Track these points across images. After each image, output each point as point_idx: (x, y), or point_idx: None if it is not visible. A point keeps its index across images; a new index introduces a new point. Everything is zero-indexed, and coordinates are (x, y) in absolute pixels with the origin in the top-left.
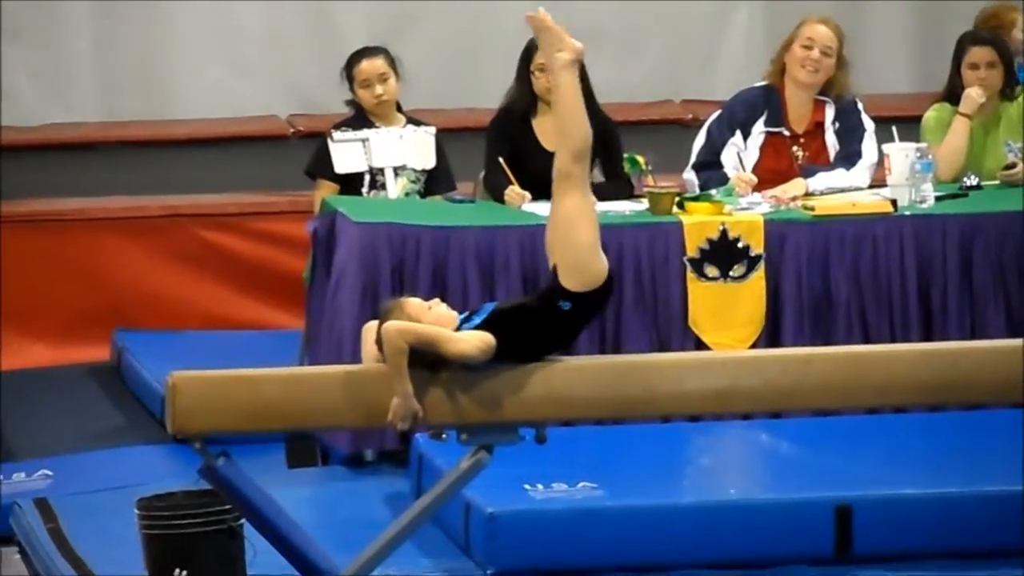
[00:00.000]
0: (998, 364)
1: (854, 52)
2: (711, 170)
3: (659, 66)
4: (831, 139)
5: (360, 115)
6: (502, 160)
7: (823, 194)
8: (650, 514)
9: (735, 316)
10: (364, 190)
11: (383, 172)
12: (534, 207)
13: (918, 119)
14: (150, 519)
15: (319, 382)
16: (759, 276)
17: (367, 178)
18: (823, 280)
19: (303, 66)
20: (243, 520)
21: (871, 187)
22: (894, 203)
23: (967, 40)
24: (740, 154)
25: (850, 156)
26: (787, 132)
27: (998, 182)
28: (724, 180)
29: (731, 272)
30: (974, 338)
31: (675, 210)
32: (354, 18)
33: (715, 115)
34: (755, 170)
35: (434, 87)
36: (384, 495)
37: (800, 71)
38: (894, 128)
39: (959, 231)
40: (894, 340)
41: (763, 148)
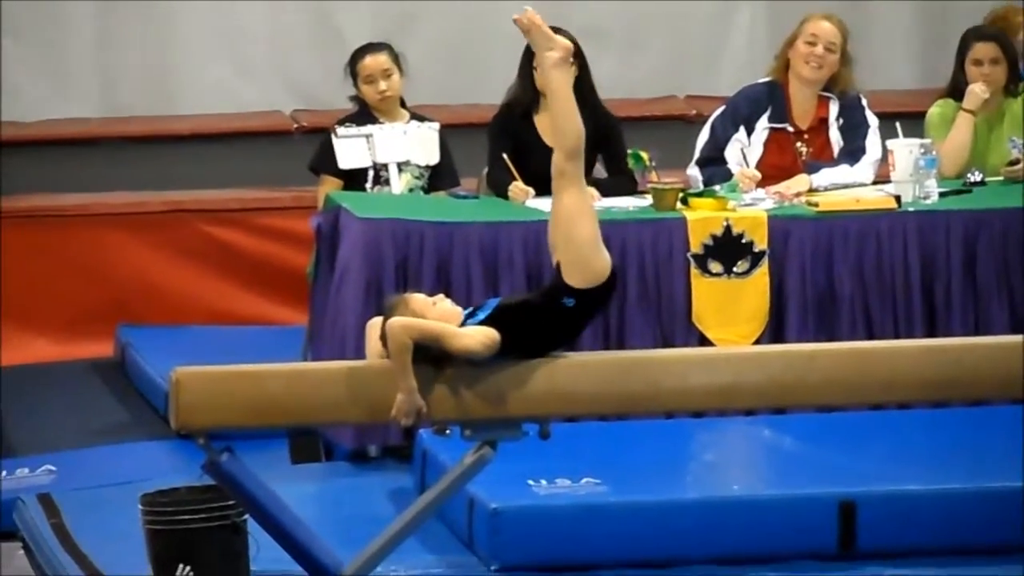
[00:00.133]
0: (1002, 360)
1: (858, 48)
2: (715, 166)
3: (663, 62)
4: (835, 135)
5: (364, 111)
6: (506, 156)
7: (827, 190)
8: (654, 510)
9: (739, 312)
10: (368, 186)
11: (387, 168)
12: (538, 203)
13: (922, 115)
14: (154, 515)
15: (323, 378)
16: (763, 272)
17: (371, 174)
18: (827, 276)
19: (306, 62)
20: (247, 516)
21: (875, 183)
22: (898, 199)
23: (971, 36)
24: (744, 150)
25: (854, 152)
26: (791, 128)
27: (1002, 178)
28: (728, 176)
29: (735, 268)
30: (978, 334)
31: (679, 206)
32: (357, 14)
33: (719, 111)
34: (759, 166)
35: (437, 83)
36: (388, 491)
37: (804, 67)
38: (898, 124)
39: (963, 227)
40: (898, 336)
41: (767, 144)
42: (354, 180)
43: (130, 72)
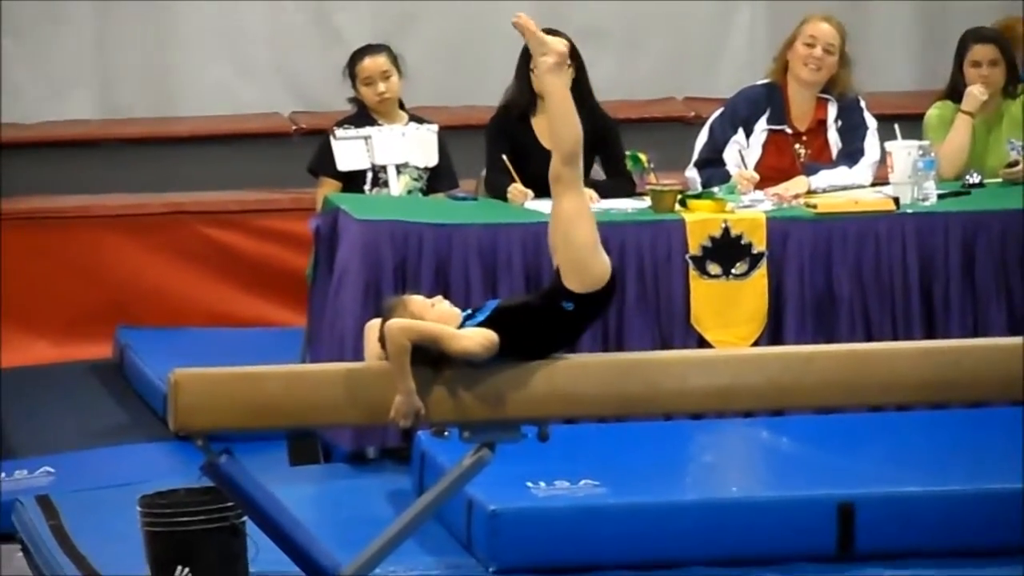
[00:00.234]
0: (1000, 362)
1: (856, 50)
2: (713, 168)
3: (662, 63)
4: (833, 137)
5: (363, 112)
6: (505, 157)
7: (825, 192)
8: (652, 512)
9: (737, 314)
10: (367, 187)
11: (385, 170)
12: (536, 204)
13: (920, 117)
14: (152, 516)
15: (321, 379)
16: (761, 274)
17: (369, 176)
18: (825, 278)
19: (305, 63)
20: (245, 517)
21: (873, 185)
22: (896, 201)
23: (969, 38)
24: (742, 152)
25: (852, 154)
26: (789, 130)
27: (1000, 180)
28: (726, 178)
29: (733, 270)
30: (976, 336)
31: (677, 208)
32: (356, 15)
33: (717, 113)
34: (757, 168)
35: (436, 85)
36: (386, 493)
37: (803, 69)
38: (896, 126)
39: (961, 229)
40: (896, 338)
41: (765, 146)
42: (353, 182)
43: (129, 74)
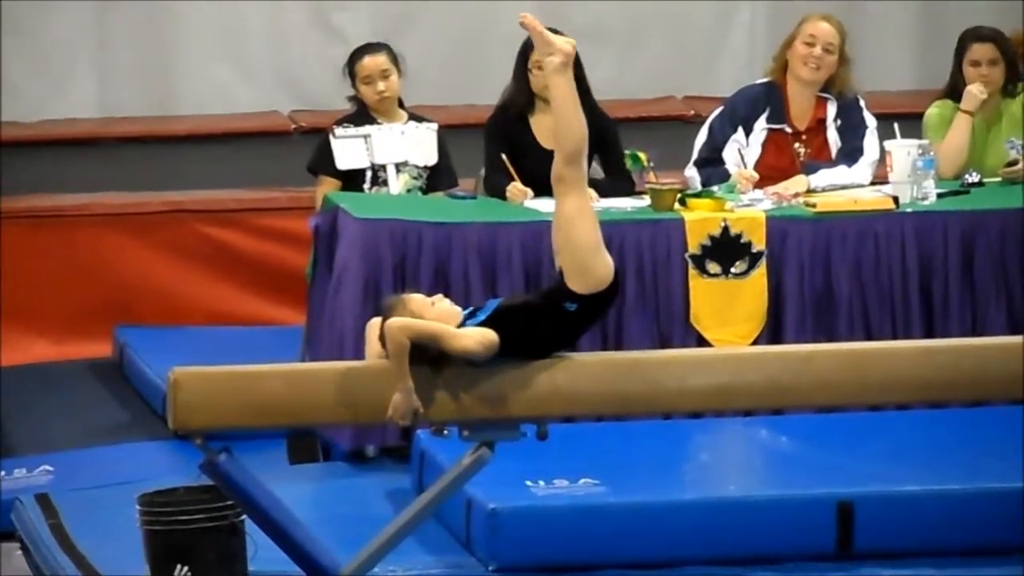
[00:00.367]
0: (999, 361)
1: (856, 49)
2: (713, 167)
3: (661, 62)
4: (833, 136)
5: (362, 111)
6: (504, 156)
7: (825, 191)
8: (651, 510)
9: (737, 313)
10: (366, 186)
11: (385, 168)
12: (536, 203)
13: (920, 116)
14: (151, 515)
15: (321, 378)
16: (761, 273)
17: (369, 174)
18: (825, 277)
19: (305, 62)
20: (244, 516)
21: (873, 184)
22: (896, 200)
23: (969, 37)
24: (742, 151)
25: (852, 153)
26: (789, 129)
27: (1000, 179)
28: (726, 177)
29: (733, 269)
30: (975, 335)
31: (677, 207)
32: (356, 14)
33: (717, 112)
34: (757, 167)
35: (436, 83)
36: (385, 491)
37: (802, 68)
38: (896, 125)
39: (960, 228)
40: (895, 337)
41: (765, 145)
42: (352, 181)
43: (128, 73)
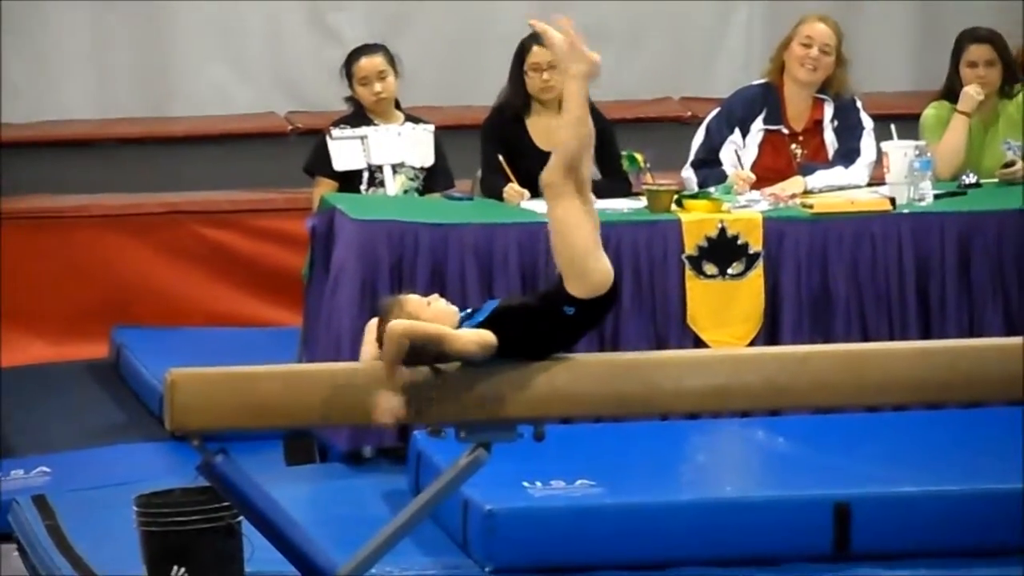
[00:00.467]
0: (996, 362)
1: (853, 50)
2: (710, 168)
3: (658, 63)
4: (830, 137)
5: (359, 112)
6: (500, 158)
7: (822, 192)
8: (648, 512)
9: (734, 314)
10: (363, 187)
11: (381, 170)
12: (532, 205)
13: (917, 117)
14: (148, 516)
15: (317, 379)
16: (758, 274)
17: (366, 175)
18: (822, 278)
19: (302, 63)
20: (241, 517)
21: (870, 185)
22: (893, 201)
23: (966, 38)
24: (739, 152)
25: (849, 154)
26: (786, 130)
27: (997, 180)
28: (723, 178)
29: (730, 270)
30: (972, 336)
31: (674, 208)
32: (352, 15)
33: (714, 113)
34: (754, 168)
35: (432, 84)
36: (382, 492)
37: (799, 69)
38: (893, 126)
39: (957, 229)
40: (892, 338)
41: (762, 146)
42: (349, 182)
43: (125, 74)
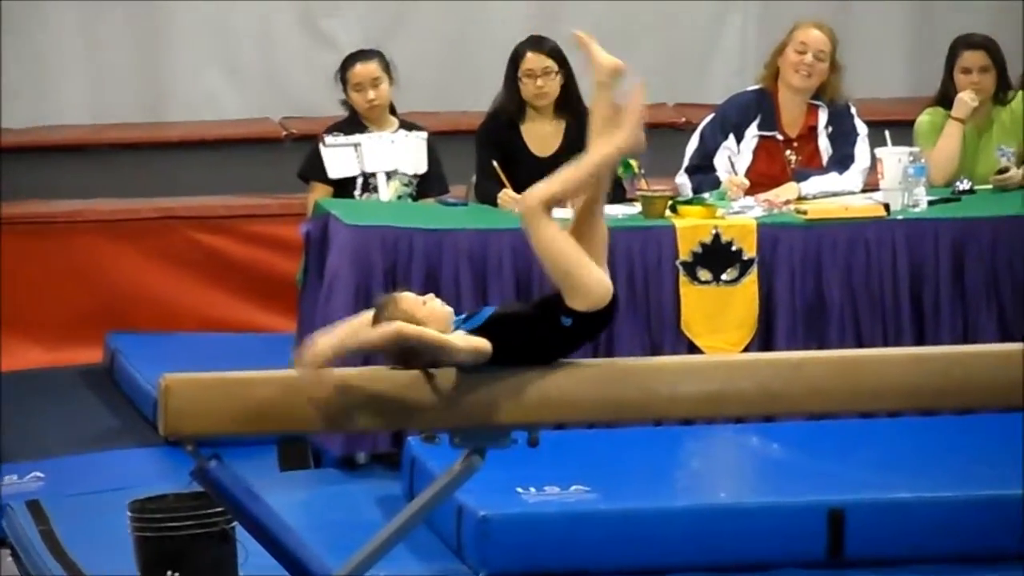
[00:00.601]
0: (990, 368)
1: (847, 56)
2: (704, 174)
3: (652, 69)
4: (824, 143)
5: (353, 118)
6: (495, 163)
7: (816, 198)
8: (642, 517)
9: (728, 320)
10: (356, 193)
11: (375, 176)
12: None
13: (911, 123)
14: (142, 521)
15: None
16: (752, 280)
17: (360, 181)
18: (816, 284)
19: (296, 69)
20: (235, 523)
21: (864, 191)
22: (887, 207)
23: (960, 44)
24: (732, 158)
25: (843, 160)
26: (780, 136)
27: (991, 186)
28: (717, 184)
29: (724, 276)
30: (966, 342)
31: (668, 213)
32: (347, 20)
33: (708, 119)
34: (748, 174)
35: (427, 90)
36: (376, 498)
37: (793, 75)
38: (887, 132)
39: (952, 235)
40: (886, 344)
41: (756, 152)
42: (343, 188)
43: (119, 79)
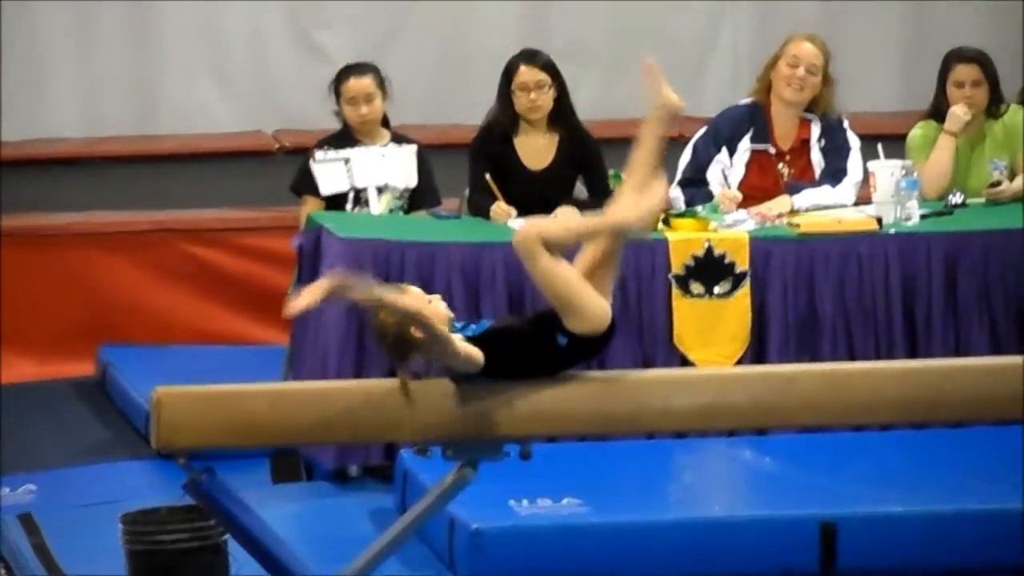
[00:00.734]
0: (983, 382)
1: (840, 70)
2: (696, 187)
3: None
4: (816, 156)
5: (345, 130)
6: (488, 176)
7: (808, 211)
8: (635, 530)
9: (720, 333)
10: (348, 206)
11: (367, 190)
12: (519, 223)
13: (904, 137)
14: (134, 535)
15: (304, 398)
16: (744, 293)
17: (351, 195)
18: (808, 297)
19: (289, 82)
20: (227, 536)
21: (856, 204)
22: (879, 221)
23: (953, 58)
24: (725, 171)
25: (835, 173)
26: (773, 149)
27: (983, 200)
28: (709, 197)
29: (716, 289)
30: (958, 356)
31: (660, 227)
32: (340, 33)
33: (701, 132)
34: (740, 187)
35: (420, 102)
36: (368, 511)
37: (786, 89)
38: (879, 146)
39: (944, 249)
40: (879, 357)
41: (749, 165)
42: (335, 202)
43: (113, 92)
